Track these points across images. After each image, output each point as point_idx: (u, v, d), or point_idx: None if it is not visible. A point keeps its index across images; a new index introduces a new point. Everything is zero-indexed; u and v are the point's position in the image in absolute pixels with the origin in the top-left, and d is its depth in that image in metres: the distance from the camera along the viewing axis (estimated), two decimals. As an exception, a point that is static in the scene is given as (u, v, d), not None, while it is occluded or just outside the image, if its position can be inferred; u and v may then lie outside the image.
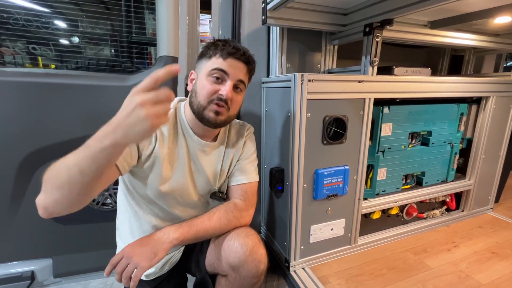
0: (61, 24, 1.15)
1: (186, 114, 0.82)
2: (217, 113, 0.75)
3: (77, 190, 0.55)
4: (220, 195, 0.88)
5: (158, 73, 0.49)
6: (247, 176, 0.89)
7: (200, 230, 0.76)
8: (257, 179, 0.92)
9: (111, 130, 0.50)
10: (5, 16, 1.03)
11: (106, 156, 0.52)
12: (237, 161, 0.91)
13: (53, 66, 1.21)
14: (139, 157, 0.74)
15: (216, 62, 0.75)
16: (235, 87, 0.78)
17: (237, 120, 0.97)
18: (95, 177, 0.55)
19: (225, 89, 0.75)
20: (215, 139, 0.87)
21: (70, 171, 0.53)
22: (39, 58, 1.15)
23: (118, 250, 0.86)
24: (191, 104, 0.79)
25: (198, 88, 0.77)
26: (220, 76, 0.75)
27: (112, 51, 1.27)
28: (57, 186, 0.55)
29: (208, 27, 2.71)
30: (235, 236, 0.77)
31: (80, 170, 0.52)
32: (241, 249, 0.74)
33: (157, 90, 0.49)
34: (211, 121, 0.76)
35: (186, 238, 0.75)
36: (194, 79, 0.81)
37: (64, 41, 1.18)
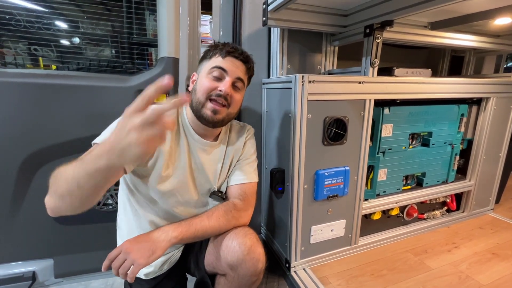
0: (62, 25, 1.16)
1: (188, 113, 0.83)
2: (215, 111, 0.76)
3: (77, 200, 0.57)
4: (219, 195, 0.89)
5: (148, 91, 0.47)
6: (246, 176, 0.90)
7: (199, 229, 0.77)
8: (257, 180, 0.93)
9: (106, 151, 0.49)
10: (7, 17, 1.03)
11: (102, 175, 0.52)
12: (237, 161, 0.92)
13: (54, 67, 1.21)
14: None
15: (216, 61, 0.78)
16: (234, 86, 0.80)
17: (238, 121, 0.98)
18: (93, 191, 0.56)
19: (224, 84, 0.77)
20: (216, 139, 0.88)
21: (68, 184, 0.54)
22: (40, 59, 1.15)
23: None
24: (191, 103, 0.80)
25: (198, 86, 0.79)
26: (219, 74, 0.77)
27: (113, 52, 1.27)
28: (59, 195, 0.57)
29: (208, 27, 2.71)
30: (233, 236, 0.78)
31: (78, 185, 0.54)
32: (239, 248, 0.74)
33: (150, 110, 0.46)
34: (209, 119, 0.77)
35: (185, 237, 0.75)
36: (195, 80, 0.83)
37: (65, 42, 1.18)
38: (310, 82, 0.95)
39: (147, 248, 0.68)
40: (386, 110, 1.15)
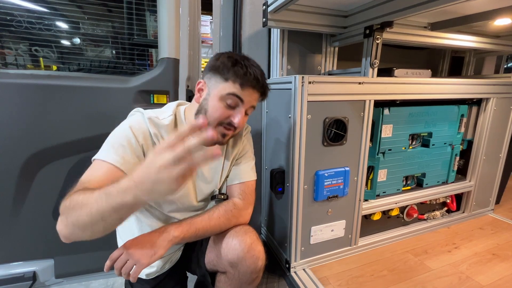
0: (63, 26, 1.16)
1: (187, 120, 0.82)
2: (224, 135, 0.76)
3: (100, 230, 0.57)
4: (221, 197, 0.89)
5: (184, 129, 0.48)
6: (245, 175, 0.90)
7: (199, 229, 0.77)
8: (255, 178, 0.93)
9: (134, 185, 0.49)
10: (8, 18, 1.03)
11: (128, 209, 0.54)
12: (236, 160, 0.92)
13: (55, 67, 1.21)
14: None
15: (234, 87, 0.73)
16: (245, 112, 0.78)
17: None
18: (118, 222, 0.57)
19: (238, 117, 0.74)
20: (214, 144, 0.87)
21: (92, 217, 0.54)
22: (41, 59, 1.16)
23: None
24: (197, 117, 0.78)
25: (209, 108, 0.74)
26: (234, 102, 0.74)
27: (114, 52, 1.28)
28: (78, 227, 0.56)
29: (209, 28, 2.71)
30: (233, 234, 0.78)
31: (102, 218, 0.54)
32: (239, 246, 0.75)
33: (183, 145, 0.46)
34: (217, 142, 0.78)
35: (186, 237, 0.75)
36: (202, 90, 0.78)
37: (66, 43, 1.18)
38: (310, 82, 0.96)
39: (149, 248, 0.69)
40: (386, 111, 1.15)
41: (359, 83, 1.04)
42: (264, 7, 1.10)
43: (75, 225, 0.56)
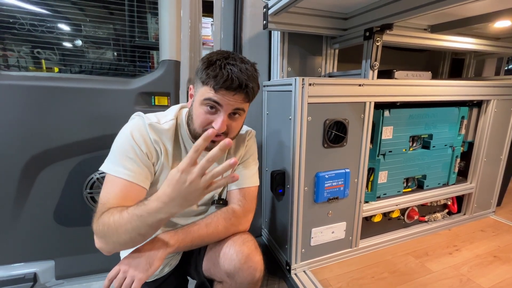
0: (65, 28, 1.17)
1: (188, 124, 0.81)
2: (212, 141, 0.71)
3: (140, 242, 0.67)
4: (221, 202, 0.88)
5: (197, 143, 0.56)
6: (246, 180, 0.88)
7: (196, 238, 0.75)
8: (257, 183, 0.91)
9: (164, 205, 0.58)
10: (11, 21, 1.04)
11: (162, 223, 0.62)
12: (238, 165, 0.91)
13: (56, 69, 1.22)
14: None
15: (209, 92, 0.69)
16: (232, 114, 0.73)
17: None
18: (156, 231, 0.65)
19: (218, 122, 0.70)
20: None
21: (130, 235, 0.62)
22: (43, 61, 1.17)
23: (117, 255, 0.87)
24: (188, 125, 0.78)
25: (194, 115, 0.74)
26: (213, 106, 0.70)
27: (115, 54, 1.28)
28: (120, 244, 0.64)
29: (210, 30, 2.72)
30: (231, 243, 0.76)
31: (139, 234, 0.62)
32: (236, 257, 0.73)
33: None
34: (207, 149, 0.72)
35: (182, 245, 0.74)
36: (192, 95, 0.77)
37: (67, 45, 1.19)
38: (310, 84, 0.96)
39: (144, 262, 0.68)
40: (386, 113, 1.15)
41: (359, 85, 1.04)
42: (264, 9, 1.11)
43: (116, 243, 0.64)
